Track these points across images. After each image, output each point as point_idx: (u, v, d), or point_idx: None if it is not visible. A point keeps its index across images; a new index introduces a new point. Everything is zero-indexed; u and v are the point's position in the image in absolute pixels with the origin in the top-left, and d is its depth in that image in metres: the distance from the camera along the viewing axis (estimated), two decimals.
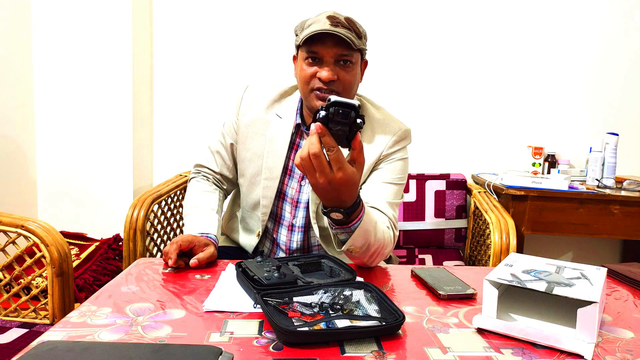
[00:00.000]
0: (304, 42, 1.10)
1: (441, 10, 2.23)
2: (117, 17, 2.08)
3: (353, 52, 1.11)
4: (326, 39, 1.08)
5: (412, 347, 0.69)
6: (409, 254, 2.00)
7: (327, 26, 1.07)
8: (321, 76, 1.09)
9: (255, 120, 1.27)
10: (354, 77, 1.14)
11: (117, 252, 2.01)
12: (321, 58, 1.10)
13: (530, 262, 0.85)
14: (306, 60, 1.12)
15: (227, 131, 1.32)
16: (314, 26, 1.09)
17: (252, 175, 1.27)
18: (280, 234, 1.28)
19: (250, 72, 2.25)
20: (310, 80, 1.12)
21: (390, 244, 1.09)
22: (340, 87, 1.12)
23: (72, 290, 1.28)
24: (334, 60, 1.10)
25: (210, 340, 0.69)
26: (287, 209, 1.26)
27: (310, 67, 1.12)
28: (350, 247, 0.95)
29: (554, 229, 1.88)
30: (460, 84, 2.27)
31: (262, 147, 1.25)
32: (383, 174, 1.20)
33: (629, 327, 0.79)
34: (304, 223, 1.25)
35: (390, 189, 1.19)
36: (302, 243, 1.26)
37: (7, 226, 1.27)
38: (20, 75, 2.09)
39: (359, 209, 0.92)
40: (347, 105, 0.80)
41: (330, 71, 1.09)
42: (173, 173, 2.12)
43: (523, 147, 2.25)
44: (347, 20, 1.10)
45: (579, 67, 2.26)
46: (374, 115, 1.24)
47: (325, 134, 0.81)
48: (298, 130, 1.24)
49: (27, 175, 2.16)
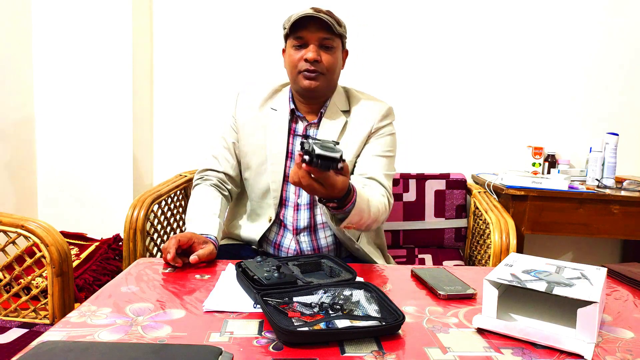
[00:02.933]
0: (291, 29, 1.25)
1: (442, 11, 2.23)
2: (117, 17, 2.08)
3: (334, 36, 1.26)
4: (310, 25, 1.23)
5: (412, 347, 0.69)
6: (409, 254, 2.00)
7: (310, 12, 1.22)
8: (307, 56, 1.23)
9: (252, 118, 1.37)
10: (336, 60, 1.28)
11: (117, 252, 2.01)
12: (306, 42, 1.25)
13: (530, 262, 0.85)
14: (293, 46, 1.27)
15: (227, 133, 1.40)
16: (299, 14, 1.24)
17: (257, 165, 1.34)
18: (286, 216, 1.33)
19: (250, 72, 2.25)
20: (297, 63, 1.26)
21: (385, 213, 1.24)
22: (324, 68, 1.25)
23: (72, 290, 1.28)
24: (318, 43, 1.24)
25: (210, 340, 0.69)
26: (292, 190, 1.32)
27: (297, 52, 1.26)
28: (348, 224, 1.07)
29: (554, 229, 1.87)
30: (460, 84, 2.26)
31: (263, 139, 1.34)
32: (375, 147, 1.32)
33: (629, 327, 0.79)
34: (308, 200, 1.31)
35: (384, 161, 1.31)
36: (308, 221, 1.32)
37: (7, 226, 1.27)
38: (20, 75, 2.09)
39: (351, 194, 1.02)
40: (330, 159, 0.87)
41: (315, 52, 1.24)
42: (173, 173, 2.12)
43: (523, 147, 2.25)
44: (327, 12, 1.26)
45: (579, 67, 2.26)
46: (359, 97, 1.38)
47: (314, 172, 0.90)
48: (293, 117, 1.35)
49: (27, 175, 2.16)
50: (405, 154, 2.25)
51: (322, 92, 1.30)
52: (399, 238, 2.02)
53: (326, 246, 1.33)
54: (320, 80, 1.25)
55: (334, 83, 1.32)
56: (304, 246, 1.32)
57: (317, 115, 1.33)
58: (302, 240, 1.32)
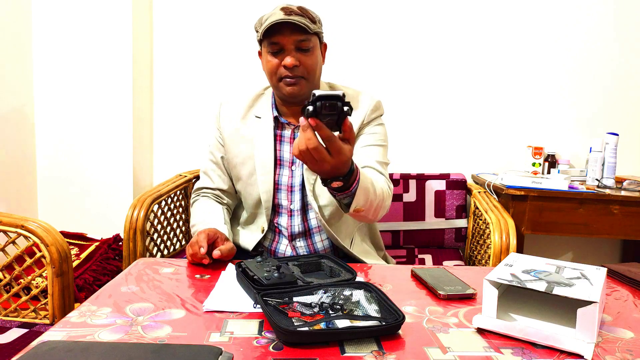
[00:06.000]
0: (264, 35, 1.19)
1: (441, 11, 2.23)
2: (117, 17, 2.08)
3: (310, 36, 1.20)
4: (283, 29, 1.18)
5: (412, 347, 0.69)
6: (408, 254, 2.00)
7: (281, 16, 1.16)
8: (285, 63, 1.19)
9: (237, 130, 1.35)
10: (315, 60, 1.23)
11: (117, 252, 2.01)
12: (282, 47, 1.20)
13: (530, 262, 0.85)
14: (269, 53, 1.22)
15: (215, 147, 1.39)
16: (269, 19, 1.18)
17: (247, 176, 1.33)
18: (280, 224, 1.32)
19: (250, 72, 2.25)
20: (276, 70, 1.22)
21: (389, 197, 1.20)
22: (304, 71, 1.21)
23: (72, 290, 1.28)
24: (294, 47, 1.20)
25: (210, 340, 0.69)
26: (283, 197, 1.30)
27: (274, 58, 1.21)
28: (356, 207, 1.02)
29: (554, 229, 1.87)
30: (460, 84, 2.26)
31: (250, 149, 1.32)
32: (368, 138, 1.30)
33: (629, 327, 0.79)
34: (301, 205, 1.30)
35: (378, 150, 1.29)
36: (302, 226, 1.30)
37: (7, 226, 1.27)
38: (20, 75, 2.09)
39: (355, 172, 0.98)
40: (332, 97, 0.83)
41: (293, 57, 1.19)
42: (173, 173, 2.12)
43: (523, 147, 2.25)
44: (299, 8, 1.20)
45: (579, 67, 2.25)
46: (346, 91, 1.32)
47: (321, 127, 0.85)
48: (278, 123, 1.32)
49: (27, 175, 2.16)
50: (405, 154, 2.25)
51: (306, 95, 1.27)
52: (399, 238, 2.02)
53: (322, 249, 1.33)
54: (302, 84, 1.22)
55: (316, 83, 1.29)
56: (300, 251, 1.32)
57: None
58: (298, 245, 1.32)
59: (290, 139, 1.31)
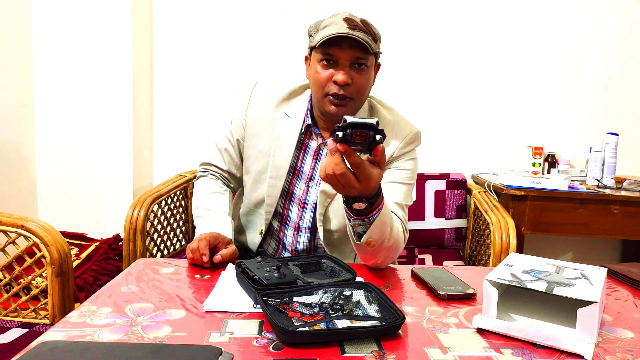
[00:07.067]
0: (320, 44, 1.08)
1: (442, 12, 2.23)
2: (117, 17, 2.08)
3: (369, 55, 1.11)
4: (343, 42, 1.07)
5: (412, 347, 0.69)
6: (408, 254, 2.00)
7: (344, 29, 1.05)
8: (337, 79, 1.08)
9: (264, 118, 1.25)
10: (367, 81, 1.14)
11: (117, 252, 2.01)
12: (336, 60, 1.09)
13: (530, 262, 0.85)
14: (321, 62, 1.11)
15: (235, 127, 1.29)
16: (331, 28, 1.07)
17: (257, 173, 1.26)
18: (286, 235, 1.27)
19: (250, 72, 2.25)
20: (325, 84, 1.11)
21: (402, 245, 1.09)
22: (354, 91, 1.11)
23: (72, 290, 1.28)
24: (350, 63, 1.09)
25: (210, 340, 0.69)
26: (294, 210, 1.25)
27: (325, 70, 1.11)
28: (369, 239, 0.94)
29: (554, 229, 1.87)
30: (460, 84, 2.26)
31: (269, 145, 1.23)
32: (395, 174, 1.19)
33: (629, 327, 0.79)
34: (310, 224, 1.23)
35: (399, 189, 1.18)
36: (308, 244, 1.25)
37: (7, 226, 1.27)
38: (20, 75, 2.09)
39: (380, 198, 0.90)
40: (365, 125, 0.78)
41: (346, 74, 1.09)
42: (173, 173, 2.12)
43: (523, 147, 2.25)
44: (363, 22, 1.09)
45: (579, 67, 2.25)
46: (385, 116, 1.23)
47: (350, 154, 0.80)
48: (307, 131, 1.23)
49: (27, 175, 2.16)
50: None
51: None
52: None
53: None
54: (348, 105, 1.12)
55: (361, 105, 1.19)
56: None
57: None
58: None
59: (314, 153, 1.22)
